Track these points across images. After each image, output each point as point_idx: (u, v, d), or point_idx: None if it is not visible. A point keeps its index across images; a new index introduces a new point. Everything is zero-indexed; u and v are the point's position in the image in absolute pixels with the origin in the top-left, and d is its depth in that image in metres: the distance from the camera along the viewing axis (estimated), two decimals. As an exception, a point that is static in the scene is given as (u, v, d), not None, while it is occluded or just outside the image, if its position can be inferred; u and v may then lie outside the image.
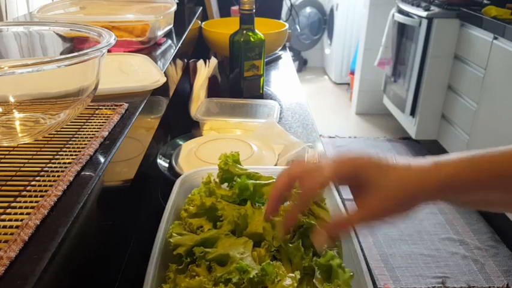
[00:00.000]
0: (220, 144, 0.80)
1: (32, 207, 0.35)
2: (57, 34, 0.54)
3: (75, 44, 0.53)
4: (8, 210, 0.35)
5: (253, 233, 0.49)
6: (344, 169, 0.42)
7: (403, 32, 2.65)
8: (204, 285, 0.41)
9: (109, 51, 0.51)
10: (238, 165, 0.57)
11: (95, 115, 0.54)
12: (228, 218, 0.49)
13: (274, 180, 0.53)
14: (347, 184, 0.44)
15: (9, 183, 0.39)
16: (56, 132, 0.48)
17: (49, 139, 0.47)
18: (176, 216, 0.54)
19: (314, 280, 0.44)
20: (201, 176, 0.58)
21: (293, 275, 0.43)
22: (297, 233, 0.49)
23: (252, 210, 0.51)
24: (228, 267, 0.43)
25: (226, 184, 0.57)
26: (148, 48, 0.90)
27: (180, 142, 0.83)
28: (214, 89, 1.11)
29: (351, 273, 0.44)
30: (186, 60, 1.11)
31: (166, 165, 0.75)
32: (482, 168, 0.40)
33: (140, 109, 0.57)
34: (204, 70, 1.09)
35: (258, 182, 0.54)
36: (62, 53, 0.55)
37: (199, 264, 0.45)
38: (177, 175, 0.68)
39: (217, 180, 0.57)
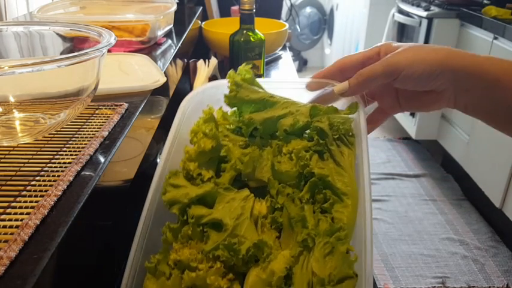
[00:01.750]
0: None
1: (32, 207, 0.35)
2: (57, 34, 0.54)
3: (75, 44, 0.53)
4: (8, 210, 0.35)
5: (258, 180, 0.43)
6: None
7: (403, 32, 2.64)
8: (191, 261, 0.38)
9: (109, 51, 0.51)
10: (252, 86, 0.49)
11: (95, 115, 0.54)
12: (231, 161, 0.44)
13: (293, 110, 0.47)
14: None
15: (9, 183, 0.39)
16: (56, 132, 0.48)
17: (49, 139, 0.47)
18: (179, 150, 0.47)
19: (311, 258, 0.38)
20: (213, 93, 0.50)
21: (286, 253, 0.39)
22: (308, 183, 0.42)
23: (258, 151, 0.45)
24: (221, 235, 0.39)
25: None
26: (149, 48, 0.90)
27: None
28: (214, 89, 1.11)
29: (355, 259, 0.38)
30: (186, 60, 1.11)
31: (166, 165, 0.75)
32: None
33: (140, 109, 0.57)
34: (204, 70, 1.09)
35: (268, 116, 0.47)
36: (62, 53, 0.55)
37: (192, 228, 0.41)
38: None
39: (225, 105, 0.49)
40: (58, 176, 0.40)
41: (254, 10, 1.02)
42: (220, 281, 0.38)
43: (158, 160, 0.75)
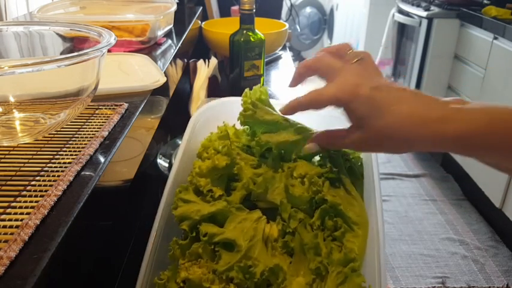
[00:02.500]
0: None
1: (32, 207, 0.35)
2: (57, 34, 0.54)
3: (75, 44, 0.53)
4: (8, 210, 0.35)
5: (268, 201, 0.43)
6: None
7: (403, 32, 2.64)
8: (204, 280, 0.38)
9: (109, 51, 0.51)
10: (266, 108, 0.48)
11: (95, 115, 0.54)
12: (243, 181, 0.44)
13: (306, 135, 0.46)
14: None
15: (9, 183, 0.39)
16: (56, 132, 0.48)
17: (49, 139, 0.47)
18: (188, 163, 0.47)
19: (324, 287, 0.38)
20: (223, 109, 0.50)
21: (301, 280, 0.39)
22: (319, 209, 0.42)
23: (271, 173, 0.44)
24: (232, 256, 0.38)
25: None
26: (149, 48, 0.90)
27: (180, 142, 0.83)
28: (214, 89, 1.11)
29: (368, 286, 0.39)
30: (186, 60, 1.11)
31: (166, 165, 0.75)
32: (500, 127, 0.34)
33: (140, 109, 0.57)
34: (204, 70, 1.09)
35: (283, 139, 0.46)
36: (62, 53, 0.55)
37: (203, 247, 0.40)
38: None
39: (239, 125, 0.49)
40: (58, 176, 0.40)
41: (254, 10, 1.02)
42: None
43: (158, 160, 0.75)
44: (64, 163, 0.42)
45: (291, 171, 0.46)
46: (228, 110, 0.51)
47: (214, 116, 0.51)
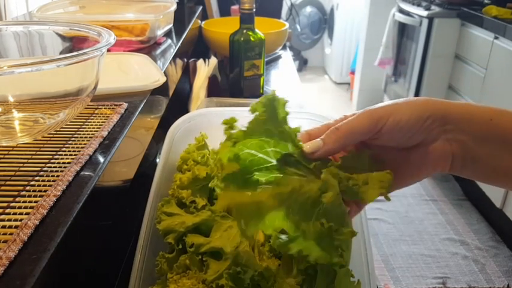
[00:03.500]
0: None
1: (31, 207, 0.35)
2: (57, 33, 0.54)
3: (75, 44, 0.53)
4: (7, 210, 0.35)
5: None
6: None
7: (403, 31, 2.64)
8: None
9: (108, 50, 0.51)
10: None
11: (94, 115, 0.53)
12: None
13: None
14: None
15: (8, 183, 0.39)
16: (55, 132, 0.48)
17: (48, 139, 0.47)
18: (168, 176, 0.46)
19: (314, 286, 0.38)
20: (201, 120, 0.48)
21: (292, 281, 0.39)
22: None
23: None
24: (221, 264, 0.38)
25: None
26: (148, 47, 0.90)
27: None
28: (214, 88, 1.11)
29: (356, 281, 0.39)
30: (185, 60, 1.10)
31: (166, 165, 0.75)
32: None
33: (140, 109, 0.57)
34: (204, 70, 1.08)
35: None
36: (61, 53, 0.55)
37: (190, 258, 0.40)
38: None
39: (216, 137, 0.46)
40: (57, 176, 0.40)
41: (254, 10, 1.02)
42: None
43: (158, 160, 0.75)
44: (63, 163, 0.42)
45: None
46: (205, 121, 0.50)
47: (192, 128, 0.51)
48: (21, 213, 0.35)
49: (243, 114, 0.39)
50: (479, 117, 0.37)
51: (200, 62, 1.10)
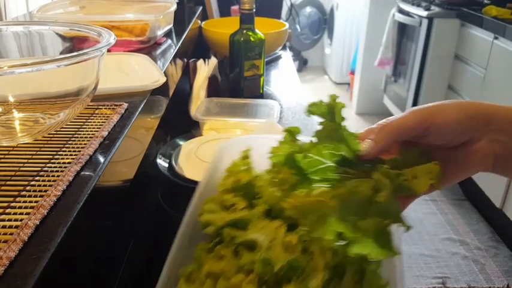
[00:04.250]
0: (220, 144, 0.80)
1: (32, 207, 0.35)
2: (57, 34, 0.54)
3: (75, 44, 0.53)
4: (8, 210, 0.35)
5: (289, 216, 0.43)
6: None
7: (403, 31, 2.64)
8: (226, 271, 0.40)
9: (109, 50, 0.51)
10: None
11: (94, 115, 0.54)
12: (264, 197, 0.45)
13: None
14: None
15: (8, 183, 0.39)
16: (55, 132, 0.48)
17: (49, 139, 0.47)
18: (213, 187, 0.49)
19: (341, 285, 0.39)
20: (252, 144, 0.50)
21: (320, 275, 0.40)
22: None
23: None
24: (254, 255, 0.40)
25: None
26: (148, 47, 0.90)
27: (180, 142, 0.83)
28: (214, 88, 1.11)
29: (385, 283, 0.39)
30: (185, 60, 1.10)
31: (166, 165, 0.75)
32: None
33: (140, 109, 0.57)
34: (204, 70, 1.08)
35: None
36: (61, 53, 0.55)
37: (226, 246, 0.43)
38: (177, 175, 0.68)
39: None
40: (58, 176, 0.40)
41: (254, 10, 1.02)
42: None
43: (158, 160, 0.75)
44: (64, 163, 0.42)
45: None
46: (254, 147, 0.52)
47: (238, 151, 0.53)
48: (21, 213, 0.35)
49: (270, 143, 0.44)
50: None
51: (200, 62, 1.10)
